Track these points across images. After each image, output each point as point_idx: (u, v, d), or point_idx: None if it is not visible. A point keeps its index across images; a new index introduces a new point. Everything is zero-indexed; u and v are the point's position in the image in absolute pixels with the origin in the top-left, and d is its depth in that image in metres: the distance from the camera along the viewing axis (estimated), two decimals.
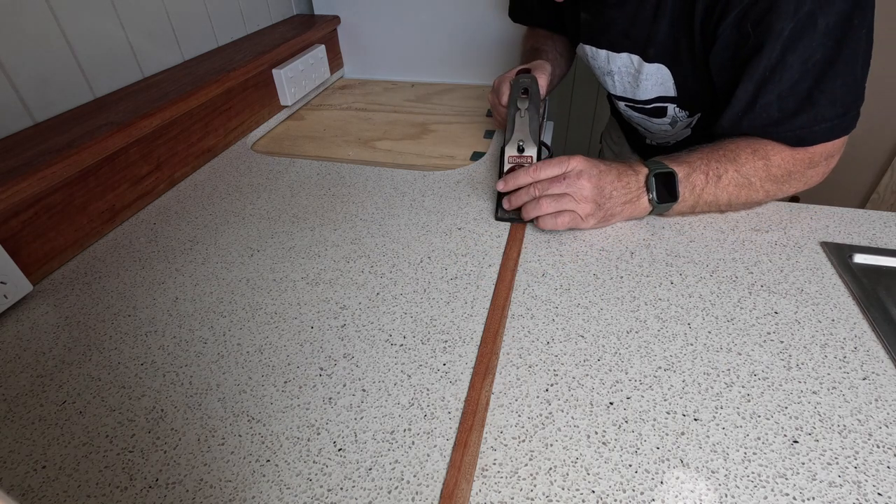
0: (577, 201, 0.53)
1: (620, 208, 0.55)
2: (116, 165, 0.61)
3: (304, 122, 0.92)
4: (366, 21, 1.06)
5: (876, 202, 1.44)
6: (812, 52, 0.49)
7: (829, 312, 0.46)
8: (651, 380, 0.40)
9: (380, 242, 0.57)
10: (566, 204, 0.53)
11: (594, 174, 0.53)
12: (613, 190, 0.54)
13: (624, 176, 0.55)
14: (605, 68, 0.70)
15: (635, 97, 0.70)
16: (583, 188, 0.53)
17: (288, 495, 0.34)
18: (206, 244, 0.58)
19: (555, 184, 0.54)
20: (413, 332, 0.46)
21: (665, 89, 0.66)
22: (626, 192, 0.55)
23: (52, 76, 0.60)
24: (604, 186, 0.54)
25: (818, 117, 0.51)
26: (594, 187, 0.53)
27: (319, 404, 0.40)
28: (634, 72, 0.66)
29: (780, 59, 0.50)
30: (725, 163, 0.55)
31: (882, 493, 0.33)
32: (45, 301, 0.51)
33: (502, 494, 0.33)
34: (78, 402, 0.40)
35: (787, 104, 0.52)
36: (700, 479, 0.34)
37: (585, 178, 0.53)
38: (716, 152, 0.56)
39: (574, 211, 0.53)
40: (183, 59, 0.80)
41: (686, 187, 0.54)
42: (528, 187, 0.55)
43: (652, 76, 0.64)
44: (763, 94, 0.52)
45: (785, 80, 0.51)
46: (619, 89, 0.71)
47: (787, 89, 0.51)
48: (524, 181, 0.56)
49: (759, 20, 0.49)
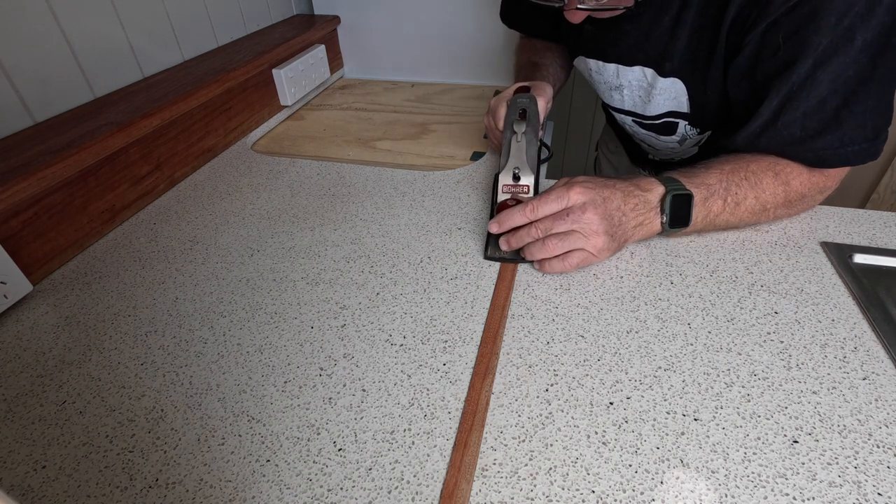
0: (587, 237, 0.48)
1: (632, 232, 0.51)
2: (116, 165, 0.61)
3: (304, 122, 0.92)
4: (366, 21, 1.06)
5: (876, 202, 1.44)
6: (844, 69, 0.45)
7: (829, 312, 0.46)
8: (651, 380, 0.40)
9: (380, 242, 0.57)
10: (575, 242, 0.48)
11: (599, 203, 0.48)
12: (622, 215, 0.49)
13: (630, 197, 0.50)
14: (614, 83, 0.66)
15: (645, 112, 0.66)
16: (591, 222, 0.48)
17: (288, 495, 0.34)
18: (206, 244, 0.58)
19: (558, 221, 0.48)
20: (413, 332, 0.46)
21: (678, 104, 0.62)
22: (635, 213, 0.50)
23: (52, 76, 0.60)
24: (612, 214, 0.49)
25: (845, 139, 0.48)
26: (602, 218, 0.48)
27: (319, 404, 0.40)
28: (647, 86, 0.63)
29: (809, 75, 0.46)
30: (746, 188, 0.51)
31: (882, 493, 0.33)
32: (45, 301, 0.51)
33: (502, 494, 0.33)
34: (78, 402, 0.40)
35: (811, 123, 0.48)
36: (700, 479, 0.34)
37: (591, 211, 0.48)
38: (736, 173, 0.51)
39: (584, 248, 0.49)
40: (183, 59, 0.80)
41: (701, 212, 0.50)
42: (527, 227, 0.50)
43: (666, 91, 0.61)
44: (787, 111, 0.48)
45: (812, 97, 0.47)
46: (629, 104, 0.67)
47: (812, 107, 0.47)
48: (521, 220, 0.50)
49: (794, 32, 0.46)
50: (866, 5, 0.43)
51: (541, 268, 0.51)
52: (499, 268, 0.53)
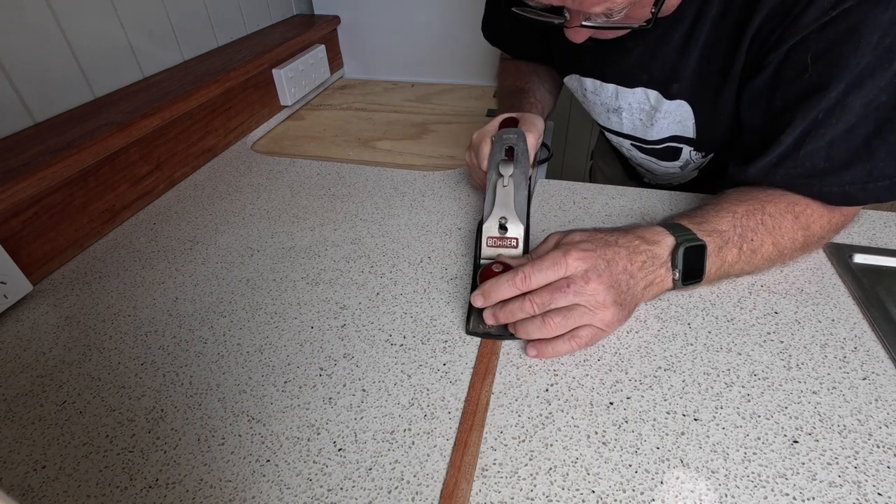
0: (593, 310, 0.40)
1: (642, 294, 0.44)
2: (116, 165, 0.61)
3: (304, 122, 0.92)
4: (366, 21, 1.06)
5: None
6: (879, 94, 0.40)
7: (829, 312, 0.46)
8: (651, 380, 0.40)
9: (380, 242, 0.57)
10: (581, 318, 0.41)
11: (602, 269, 0.41)
12: (630, 277, 0.42)
13: (637, 254, 0.43)
14: (612, 105, 0.61)
15: (645, 137, 0.61)
16: (596, 293, 0.40)
17: (288, 495, 0.34)
18: (206, 244, 0.58)
19: (557, 293, 0.40)
20: (413, 332, 0.46)
21: (683, 129, 0.57)
22: (644, 273, 0.43)
23: (52, 76, 0.60)
24: (619, 280, 0.41)
25: (875, 172, 0.42)
26: (608, 287, 0.40)
27: (319, 404, 0.40)
28: (650, 109, 0.58)
29: (840, 100, 0.41)
30: (764, 233, 0.45)
31: (882, 493, 0.33)
32: (45, 301, 0.51)
33: (502, 494, 0.33)
34: (78, 402, 0.40)
35: (837, 153, 0.43)
36: (700, 479, 0.34)
37: (595, 280, 0.40)
38: (752, 216, 0.45)
39: (591, 324, 0.41)
40: (183, 59, 0.80)
41: (715, 263, 0.44)
42: (519, 299, 0.41)
43: (671, 114, 0.56)
44: (811, 140, 0.43)
45: (841, 125, 0.42)
46: (628, 128, 0.62)
47: (840, 135, 0.42)
48: (510, 293, 0.41)
49: (827, 51, 0.41)
50: None
51: (540, 353, 0.42)
52: None
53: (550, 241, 0.45)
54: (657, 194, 0.63)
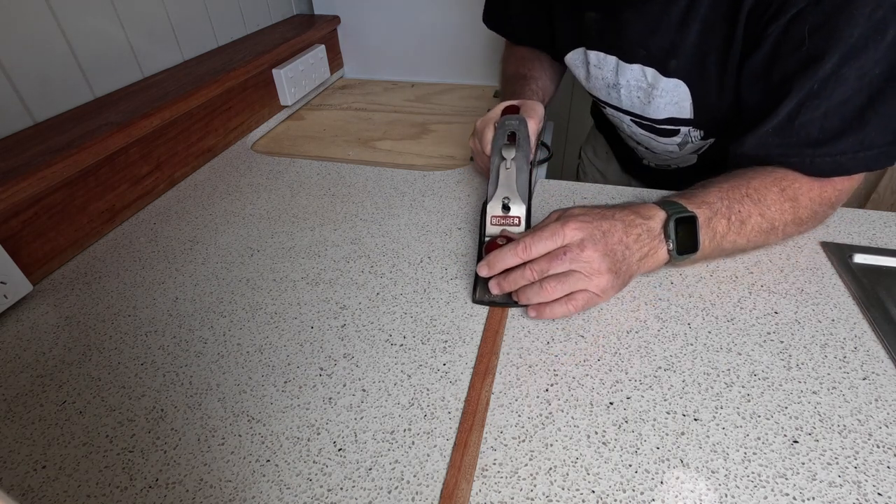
0: (589, 276, 0.43)
1: (637, 266, 0.46)
2: (116, 165, 0.61)
3: (304, 122, 0.92)
4: (366, 21, 1.06)
5: (876, 202, 1.44)
6: (872, 66, 0.42)
7: (829, 312, 0.46)
8: (651, 380, 0.40)
9: (380, 242, 0.57)
10: (577, 283, 0.44)
11: (598, 238, 0.44)
12: (625, 249, 0.45)
13: (632, 227, 0.45)
14: (611, 80, 0.62)
15: (644, 114, 0.62)
16: (591, 260, 0.43)
17: (288, 495, 0.34)
18: (206, 244, 0.58)
19: (555, 261, 0.43)
20: (413, 332, 0.46)
21: (680, 110, 0.58)
22: (639, 245, 0.45)
23: (52, 76, 0.60)
24: (614, 249, 0.44)
25: (865, 142, 0.44)
26: (604, 255, 0.43)
27: (319, 404, 0.40)
28: (647, 87, 0.58)
29: (835, 71, 0.43)
30: (750, 205, 0.47)
31: (882, 493, 0.33)
32: (45, 301, 0.51)
33: (502, 494, 0.33)
34: (78, 402, 0.40)
35: (831, 123, 0.44)
36: (700, 479, 0.34)
37: (591, 248, 0.43)
38: (737, 190, 0.48)
39: (587, 289, 0.44)
40: (183, 59, 0.80)
41: (707, 234, 0.46)
42: (521, 268, 0.45)
43: (668, 93, 0.57)
44: (806, 110, 0.45)
45: (836, 96, 0.43)
46: (626, 104, 0.63)
47: (834, 106, 0.44)
48: (513, 262, 0.45)
49: (823, 23, 0.42)
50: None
51: (538, 314, 0.45)
52: None
53: (552, 216, 0.47)
54: (657, 194, 0.62)
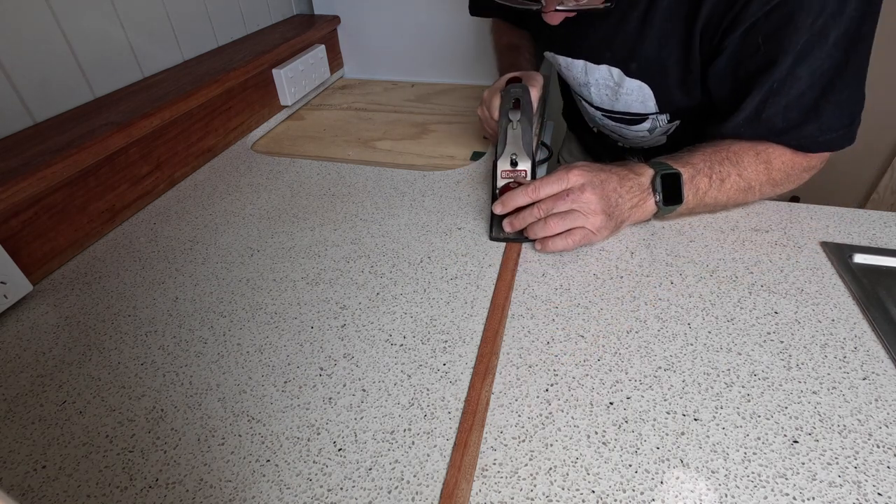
0: (586, 215, 0.51)
1: (628, 213, 0.54)
2: (116, 165, 0.61)
3: (304, 122, 0.92)
4: (366, 21, 1.06)
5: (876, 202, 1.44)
6: (821, 63, 0.48)
7: (829, 312, 0.46)
8: (651, 380, 0.40)
9: (380, 242, 0.57)
10: (576, 220, 0.51)
11: (597, 184, 0.51)
12: (619, 197, 0.52)
13: (626, 180, 0.53)
14: (582, 80, 0.69)
15: (613, 109, 0.69)
16: (589, 202, 0.51)
17: (288, 495, 0.34)
18: (206, 244, 0.58)
19: (559, 201, 0.51)
20: (413, 332, 0.46)
21: (645, 108, 0.65)
22: (631, 195, 0.53)
23: (52, 76, 0.60)
24: (609, 195, 0.51)
25: (824, 127, 0.51)
26: (600, 198, 0.51)
27: (319, 404, 0.40)
28: (614, 85, 0.65)
29: (790, 72, 0.49)
30: (728, 166, 0.54)
31: (882, 493, 0.33)
32: (45, 301, 0.51)
33: (502, 494, 0.33)
34: (78, 402, 0.40)
35: (792, 114, 0.51)
36: (700, 479, 0.34)
37: (590, 191, 0.51)
38: (718, 153, 0.55)
39: (584, 227, 0.51)
40: (183, 59, 0.80)
41: (690, 189, 0.53)
42: (529, 208, 0.53)
43: (634, 92, 0.63)
44: (769, 106, 0.51)
45: (793, 92, 0.50)
46: (597, 101, 0.70)
47: (793, 100, 0.50)
48: (523, 201, 0.53)
49: (772, 34, 0.49)
50: (837, 5, 0.46)
51: (542, 247, 0.53)
52: (499, 268, 0.53)
53: (559, 168, 0.53)
54: None
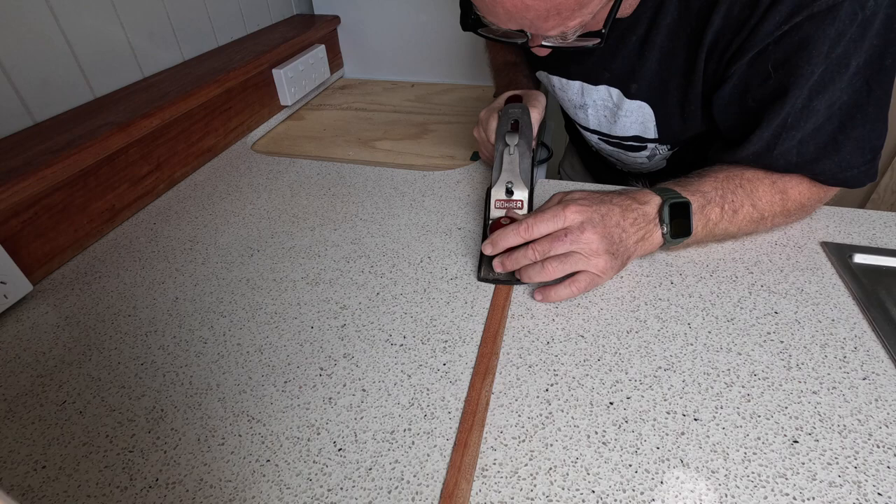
0: (588, 257, 0.45)
1: (634, 248, 0.48)
2: (116, 165, 0.61)
3: (304, 122, 0.92)
4: (366, 21, 1.06)
5: (876, 202, 1.44)
6: (840, 95, 0.44)
7: (829, 312, 0.46)
8: (651, 380, 0.40)
9: (380, 242, 0.57)
10: (577, 263, 0.46)
11: (597, 221, 0.46)
12: (622, 231, 0.47)
13: (629, 211, 0.48)
14: (577, 101, 0.64)
15: (611, 132, 0.65)
16: (590, 242, 0.45)
17: (288, 495, 0.34)
18: (206, 244, 0.58)
19: (556, 242, 0.45)
20: (413, 332, 0.46)
21: (644, 129, 0.61)
22: (636, 228, 0.48)
23: (52, 76, 0.60)
24: (611, 231, 0.46)
25: (843, 164, 0.47)
26: (602, 237, 0.45)
27: (319, 404, 0.40)
28: (613, 106, 0.61)
29: (806, 105, 0.45)
30: (742, 196, 0.50)
31: (882, 493, 0.33)
32: (45, 301, 0.51)
33: (502, 494, 0.33)
34: (78, 402, 0.40)
35: (807, 149, 0.47)
36: (700, 479, 0.34)
37: (590, 230, 0.45)
38: (730, 180, 0.50)
39: (587, 270, 0.46)
40: (183, 59, 0.80)
41: (700, 220, 0.49)
42: (523, 248, 0.47)
43: (633, 113, 0.59)
44: (783, 141, 0.47)
45: (808, 126, 0.46)
46: (594, 123, 0.66)
47: (808, 134, 0.46)
48: (516, 241, 0.47)
49: (784, 61, 0.44)
50: (858, 31, 0.42)
51: (544, 298, 0.47)
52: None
53: (554, 199, 0.50)
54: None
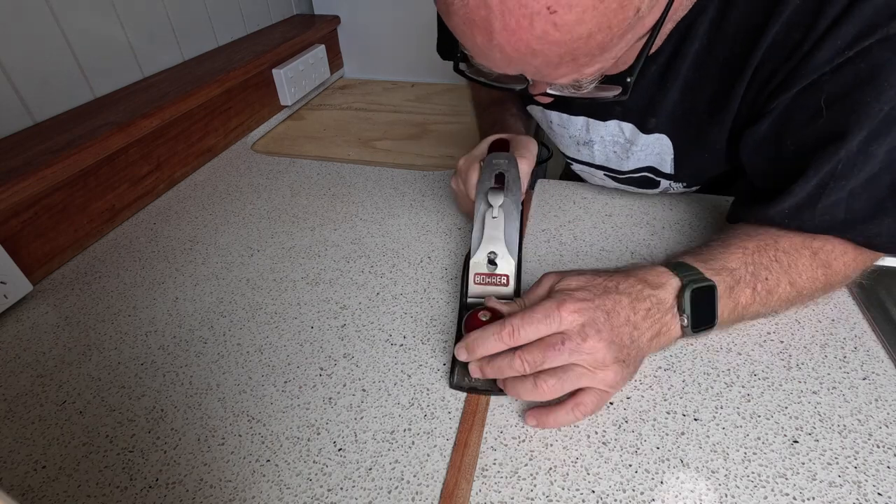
0: (593, 371, 0.35)
1: (647, 346, 0.38)
2: (116, 165, 0.61)
3: (304, 122, 0.92)
4: (366, 21, 1.06)
5: None
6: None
7: (829, 312, 0.46)
8: (651, 380, 0.40)
9: (380, 242, 0.57)
10: (579, 379, 0.35)
11: (602, 323, 0.35)
12: (633, 329, 0.36)
13: (640, 301, 0.37)
14: (582, 138, 0.55)
15: (620, 168, 0.56)
16: (594, 351, 0.35)
17: (288, 495, 0.34)
18: (206, 244, 0.58)
19: (551, 351, 0.35)
20: (413, 332, 0.46)
21: (660, 161, 0.52)
22: (650, 322, 0.37)
23: (52, 76, 0.60)
24: (621, 333, 0.36)
25: None
26: (609, 344, 0.35)
27: (319, 404, 0.40)
28: (625, 142, 0.52)
29: (862, 150, 0.36)
30: (779, 272, 0.40)
31: (882, 493, 0.33)
32: (45, 301, 0.51)
33: (502, 494, 0.33)
34: (78, 402, 0.40)
35: (858, 204, 0.38)
36: (700, 479, 0.34)
37: (594, 337, 0.35)
38: (764, 252, 0.41)
39: (591, 387, 0.36)
40: (183, 59, 0.80)
41: (727, 305, 0.39)
42: (507, 355, 0.36)
43: (648, 147, 0.51)
44: (830, 192, 0.38)
45: (862, 175, 0.37)
46: (601, 159, 0.57)
47: (861, 184, 0.38)
48: (497, 348, 0.36)
49: (843, 96, 0.36)
50: None
51: (540, 423, 0.37)
52: None
53: (545, 285, 0.39)
54: (657, 198, 0.62)
